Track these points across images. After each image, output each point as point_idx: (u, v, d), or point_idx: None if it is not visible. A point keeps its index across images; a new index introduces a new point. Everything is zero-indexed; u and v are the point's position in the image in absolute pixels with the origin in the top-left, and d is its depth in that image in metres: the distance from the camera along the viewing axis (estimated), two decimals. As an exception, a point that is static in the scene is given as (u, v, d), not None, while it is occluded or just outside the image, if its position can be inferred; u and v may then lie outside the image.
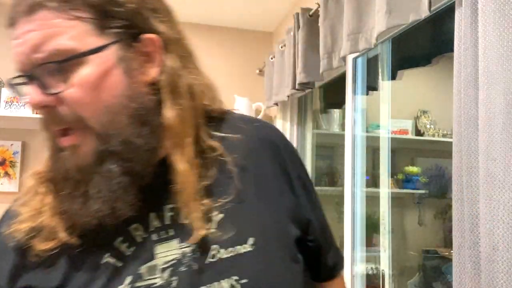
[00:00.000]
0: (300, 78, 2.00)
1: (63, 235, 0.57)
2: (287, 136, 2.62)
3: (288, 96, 2.34)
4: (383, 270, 1.81)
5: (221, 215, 0.60)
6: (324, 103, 2.77)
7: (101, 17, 0.55)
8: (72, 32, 0.53)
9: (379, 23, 1.33)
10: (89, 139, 0.55)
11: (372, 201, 1.96)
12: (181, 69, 0.61)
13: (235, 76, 3.05)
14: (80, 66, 0.53)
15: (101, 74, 0.54)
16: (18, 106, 2.41)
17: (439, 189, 2.82)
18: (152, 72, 0.59)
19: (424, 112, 2.93)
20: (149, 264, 0.57)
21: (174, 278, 0.56)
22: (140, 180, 0.57)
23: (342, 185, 1.99)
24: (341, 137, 2.05)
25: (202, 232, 0.57)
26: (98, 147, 0.55)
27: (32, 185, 0.62)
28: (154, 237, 0.59)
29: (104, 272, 0.57)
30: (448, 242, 2.74)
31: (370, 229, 2.00)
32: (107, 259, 0.57)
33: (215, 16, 2.92)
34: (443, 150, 2.80)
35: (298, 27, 2.04)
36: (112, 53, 0.55)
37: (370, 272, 2.10)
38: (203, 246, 0.58)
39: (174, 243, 0.59)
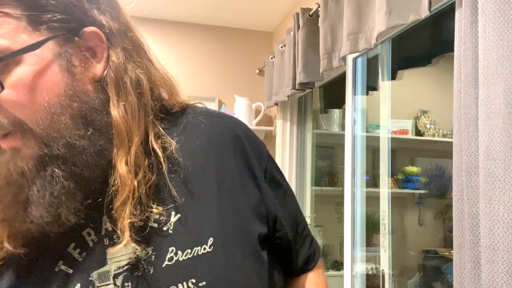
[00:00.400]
0: (300, 78, 2.00)
1: (7, 245, 0.53)
2: (287, 136, 2.63)
3: (288, 96, 2.34)
4: (383, 270, 1.81)
5: (177, 216, 0.57)
6: (324, 103, 2.77)
7: (33, 12, 0.51)
8: (2, 30, 0.49)
9: (379, 23, 1.33)
10: (30, 142, 0.51)
11: (372, 201, 1.96)
12: (127, 63, 0.57)
13: (235, 76, 3.05)
14: (14, 66, 0.49)
15: (37, 73, 0.50)
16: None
17: (439, 189, 2.82)
18: (98, 68, 0.55)
19: (424, 112, 2.93)
20: (101, 270, 0.54)
21: (127, 284, 0.54)
22: (88, 184, 0.53)
23: (342, 185, 1.99)
24: (341, 137, 2.05)
25: (124, 241, 0.52)
26: (39, 150, 0.51)
27: None
28: (106, 241, 0.55)
29: (55, 280, 0.53)
30: (448, 242, 2.74)
31: (370, 229, 2.00)
32: (61, 266, 0.54)
33: (215, 16, 2.92)
34: (443, 150, 2.80)
35: (298, 27, 2.04)
36: (48, 50, 0.51)
37: (370, 272, 2.10)
38: (159, 249, 0.55)
39: (127, 247, 0.54)
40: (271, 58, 2.64)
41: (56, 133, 0.51)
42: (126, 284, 0.54)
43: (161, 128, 0.60)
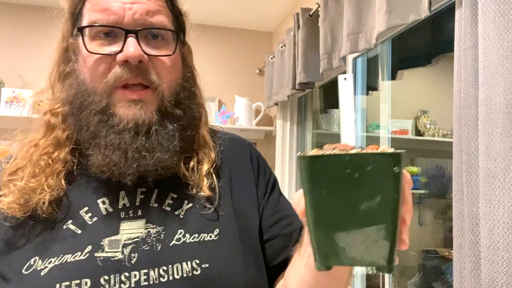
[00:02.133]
0: (300, 78, 2.00)
1: (36, 198, 0.60)
2: (287, 136, 2.64)
3: (288, 96, 2.34)
4: (383, 270, 1.81)
5: (189, 205, 0.65)
6: (324, 103, 2.77)
7: (175, 19, 0.69)
8: (169, 18, 0.66)
9: (379, 23, 1.33)
10: (159, 99, 0.63)
11: (372, 201, 1.96)
12: (195, 75, 0.75)
13: (235, 76, 3.05)
14: (169, 42, 0.65)
15: (179, 56, 0.68)
16: (18, 106, 2.41)
17: (439, 189, 2.82)
18: (186, 71, 0.71)
19: (424, 112, 2.93)
20: (112, 237, 0.60)
21: (134, 255, 0.58)
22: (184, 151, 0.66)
23: (342, 185, 1.99)
24: (341, 137, 2.04)
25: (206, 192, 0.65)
26: (165, 108, 0.63)
27: (28, 157, 0.65)
28: (122, 214, 0.62)
29: (63, 236, 0.59)
30: (448, 242, 2.74)
31: (370, 229, 1.99)
32: (69, 225, 0.61)
33: (215, 16, 2.92)
34: (443, 150, 2.80)
35: (298, 27, 2.04)
36: (179, 43, 0.69)
37: (370, 272, 2.10)
38: (169, 229, 0.61)
39: (140, 223, 0.62)
40: (271, 58, 2.64)
41: (180, 99, 0.66)
42: (132, 255, 0.59)
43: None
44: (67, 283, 0.55)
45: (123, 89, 0.61)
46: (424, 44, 2.07)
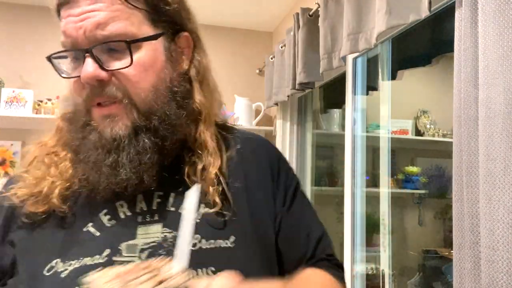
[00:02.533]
0: (300, 78, 2.00)
1: (55, 201, 0.61)
2: (287, 136, 2.63)
3: (288, 96, 2.34)
4: (383, 270, 1.81)
5: (206, 209, 0.64)
6: (324, 103, 2.77)
7: (153, 11, 0.63)
8: (132, 19, 0.60)
9: (379, 23, 1.33)
10: (130, 112, 0.61)
11: (372, 201, 1.96)
12: (205, 64, 0.71)
13: (235, 76, 3.05)
14: (135, 50, 0.60)
15: (152, 58, 0.62)
16: (18, 106, 2.41)
17: (439, 189, 2.82)
18: (184, 64, 0.68)
19: (424, 112, 2.93)
20: (130, 242, 0.60)
21: (151, 259, 0.57)
22: (164, 159, 0.63)
23: (342, 185, 1.99)
24: (341, 137, 2.05)
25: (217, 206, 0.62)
26: (138, 121, 0.61)
27: (37, 155, 0.67)
28: (139, 218, 0.62)
29: (83, 239, 0.60)
30: (448, 242, 2.74)
31: (370, 229, 2.00)
32: (89, 228, 0.61)
33: (215, 16, 2.92)
34: (443, 150, 2.80)
35: (298, 27, 2.04)
36: (160, 43, 0.64)
37: (370, 272, 2.10)
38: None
39: (157, 227, 0.61)
40: (271, 58, 2.64)
41: (155, 109, 0.62)
42: (149, 260, 0.58)
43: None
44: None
45: (97, 106, 0.61)
46: (424, 44, 2.06)
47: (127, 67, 0.59)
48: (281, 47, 2.43)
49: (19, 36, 2.66)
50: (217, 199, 0.64)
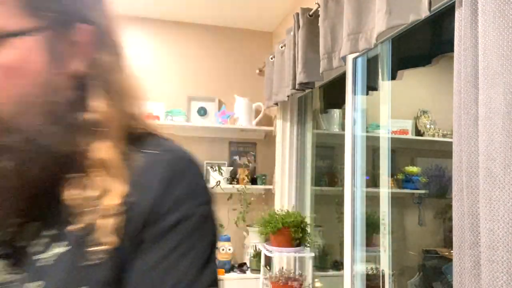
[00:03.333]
0: (300, 78, 2.00)
1: None
2: (287, 136, 2.63)
3: (288, 96, 2.34)
4: (383, 270, 1.81)
5: (67, 248, 0.49)
6: (324, 103, 2.77)
7: None
8: None
9: (379, 23, 1.33)
10: None
11: (372, 201, 1.96)
12: (109, 64, 0.54)
13: (235, 76, 3.05)
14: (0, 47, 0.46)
15: (20, 59, 0.47)
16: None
17: (439, 189, 2.82)
18: (80, 65, 0.52)
19: (424, 112, 2.93)
20: None
21: None
22: (31, 188, 0.48)
23: (342, 185, 1.99)
24: (341, 137, 2.05)
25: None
26: None
27: None
28: None
29: None
30: (448, 242, 2.74)
31: (370, 229, 2.00)
32: None
33: (215, 16, 2.92)
34: (443, 150, 2.80)
35: (298, 27, 2.04)
36: (38, 39, 0.48)
37: (370, 272, 2.10)
38: (30, 277, 0.48)
39: (2, 264, 0.49)
40: (271, 58, 2.64)
41: (21, 124, 0.47)
42: None
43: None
44: None
45: None
46: (424, 44, 2.07)
47: None
48: (281, 47, 2.43)
49: None
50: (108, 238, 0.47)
